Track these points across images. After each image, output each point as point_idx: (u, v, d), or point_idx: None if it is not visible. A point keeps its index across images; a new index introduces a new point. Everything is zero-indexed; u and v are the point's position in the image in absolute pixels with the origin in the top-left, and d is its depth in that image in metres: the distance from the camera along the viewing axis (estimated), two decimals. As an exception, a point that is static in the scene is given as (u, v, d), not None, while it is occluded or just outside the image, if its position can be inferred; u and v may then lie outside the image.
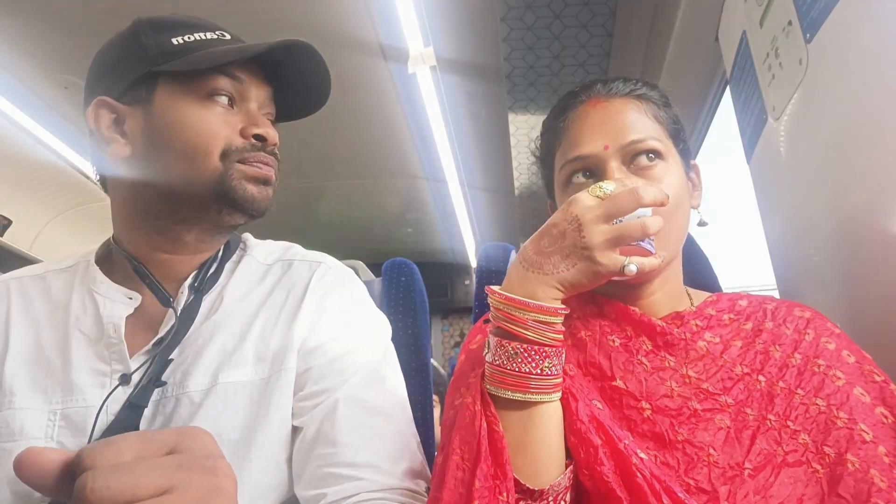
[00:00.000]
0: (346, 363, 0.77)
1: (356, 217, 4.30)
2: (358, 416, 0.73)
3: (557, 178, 0.82)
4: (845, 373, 0.69)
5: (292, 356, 0.75)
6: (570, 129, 0.79)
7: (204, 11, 0.90)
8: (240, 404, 0.72)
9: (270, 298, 0.81)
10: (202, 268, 0.82)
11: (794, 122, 1.01)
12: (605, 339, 0.76)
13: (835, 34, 0.86)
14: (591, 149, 0.76)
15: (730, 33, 1.29)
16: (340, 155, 3.31)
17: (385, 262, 1.30)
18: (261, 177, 0.78)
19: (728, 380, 0.71)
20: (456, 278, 5.78)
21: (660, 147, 0.76)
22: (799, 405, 0.68)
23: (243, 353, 0.75)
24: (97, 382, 0.73)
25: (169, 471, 0.36)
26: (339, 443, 0.70)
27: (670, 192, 0.72)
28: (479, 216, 4.26)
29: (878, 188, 0.82)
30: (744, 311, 0.78)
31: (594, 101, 0.80)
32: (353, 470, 0.69)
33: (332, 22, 2.19)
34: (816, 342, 0.73)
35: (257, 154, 0.78)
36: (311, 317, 0.79)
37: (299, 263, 0.86)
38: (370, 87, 2.64)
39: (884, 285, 0.83)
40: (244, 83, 0.79)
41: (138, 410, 0.70)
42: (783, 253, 1.16)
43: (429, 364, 1.18)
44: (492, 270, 1.27)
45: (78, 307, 0.78)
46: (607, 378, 0.73)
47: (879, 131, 0.80)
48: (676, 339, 0.74)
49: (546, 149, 0.86)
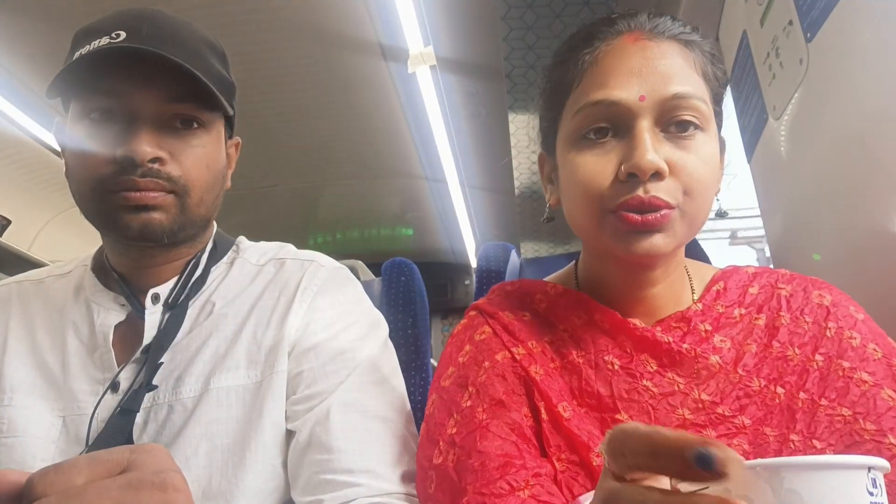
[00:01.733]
0: (339, 365, 0.75)
1: (356, 217, 4.30)
2: (353, 421, 0.71)
3: (566, 125, 0.66)
4: (871, 373, 0.61)
5: (284, 358, 0.74)
6: (599, 65, 0.63)
7: (204, 11, 0.89)
8: (233, 409, 0.71)
9: (262, 299, 0.79)
10: (182, 274, 0.79)
11: (795, 121, 1.01)
12: (602, 360, 0.66)
13: (835, 34, 0.86)
14: (622, 94, 0.60)
15: (730, 33, 1.29)
16: (340, 155, 3.31)
17: (385, 262, 1.29)
18: (129, 205, 0.69)
19: (745, 397, 0.62)
20: (456, 278, 5.77)
21: (704, 111, 0.62)
22: (823, 418, 0.60)
23: (235, 357, 0.74)
24: (92, 390, 0.73)
25: (117, 491, 0.35)
26: (335, 448, 0.69)
27: (706, 171, 0.61)
28: (479, 216, 4.26)
29: (878, 188, 0.82)
30: (755, 302, 0.69)
31: (635, 36, 0.63)
32: (349, 476, 0.68)
33: (332, 22, 2.19)
34: (840, 338, 0.64)
35: (123, 181, 0.68)
36: (304, 317, 0.77)
37: (291, 262, 0.83)
38: (370, 87, 2.64)
39: (884, 285, 0.83)
40: (113, 95, 0.69)
41: (130, 415, 0.70)
42: (783, 253, 1.16)
43: (429, 364, 1.18)
44: (492, 270, 1.27)
45: (75, 315, 0.78)
46: (608, 409, 0.63)
47: (880, 131, 0.80)
48: (685, 356, 0.64)
49: (556, 83, 0.68)
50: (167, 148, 0.70)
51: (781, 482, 0.37)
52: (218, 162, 0.77)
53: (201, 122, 0.74)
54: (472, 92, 2.72)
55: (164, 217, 0.71)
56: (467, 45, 2.39)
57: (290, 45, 2.32)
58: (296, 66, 2.46)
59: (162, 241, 0.73)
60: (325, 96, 2.70)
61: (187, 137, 0.72)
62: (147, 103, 0.69)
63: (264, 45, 2.28)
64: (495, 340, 0.70)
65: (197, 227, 0.77)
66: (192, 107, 0.72)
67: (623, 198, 0.60)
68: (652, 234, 0.60)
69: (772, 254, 1.20)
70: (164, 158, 0.70)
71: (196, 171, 0.73)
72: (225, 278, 0.82)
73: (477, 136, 3.11)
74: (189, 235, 0.77)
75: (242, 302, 0.79)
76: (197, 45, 0.74)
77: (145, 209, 0.70)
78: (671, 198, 0.60)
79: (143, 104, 0.69)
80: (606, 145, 0.62)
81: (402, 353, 1.28)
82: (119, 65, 0.68)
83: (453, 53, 2.40)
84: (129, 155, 0.68)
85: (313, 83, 2.58)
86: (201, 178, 0.74)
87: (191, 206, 0.73)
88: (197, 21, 0.81)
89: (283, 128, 2.93)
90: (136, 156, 0.68)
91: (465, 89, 2.70)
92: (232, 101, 0.78)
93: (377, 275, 1.32)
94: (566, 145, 0.65)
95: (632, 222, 0.59)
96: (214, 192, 0.77)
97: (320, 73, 2.51)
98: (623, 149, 0.61)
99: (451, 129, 2.96)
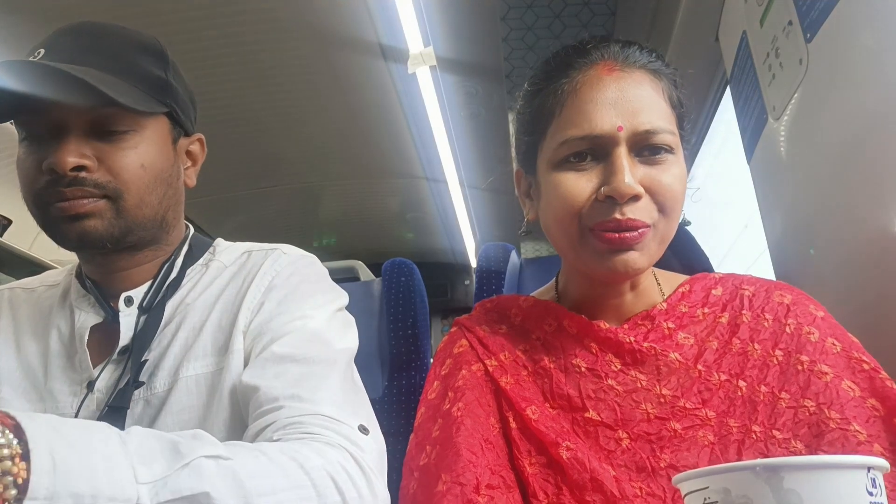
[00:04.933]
0: (283, 328, 0.75)
1: (356, 217, 4.29)
2: (287, 368, 0.70)
3: (548, 149, 0.70)
4: (831, 365, 0.65)
5: (239, 337, 0.75)
6: (578, 95, 0.68)
7: (204, 11, 0.89)
8: (200, 396, 0.73)
9: (227, 289, 0.81)
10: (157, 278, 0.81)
11: (795, 122, 1.01)
12: (571, 363, 0.71)
13: (835, 34, 0.86)
14: (602, 127, 0.65)
15: (730, 33, 1.29)
16: (340, 155, 3.31)
17: (385, 262, 1.30)
18: (64, 216, 0.70)
19: (706, 391, 0.67)
20: (456, 278, 5.77)
21: (672, 141, 0.68)
22: (786, 410, 0.64)
23: (201, 346, 0.76)
24: (71, 391, 0.75)
25: None
26: (263, 387, 0.68)
27: (678, 189, 0.67)
28: (479, 216, 4.26)
29: (878, 188, 0.82)
30: (719, 301, 0.74)
31: (608, 66, 0.68)
32: (274, 403, 0.67)
33: (332, 22, 2.19)
34: (798, 334, 0.68)
35: (53, 192, 0.70)
36: (261, 297, 0.78)
37: (257, 252, 0.85)
38: (370, 87, 2.63)
39: (884, 285, 0.83)
40: (36, 112, 0.71)
41: (121, 412, 0.71)
42: (783, 252, 1.16)
43: (429, 364, 1.18)
44: (492, 270, 1.27)
45: (59, 319, 0.80)
46: (578, 409, 0.69)
47: (879, 131, 0.80)
48: (646, 354, 0.69)
49: (537, 110, 0.72)
50: (95, 154, 0.71)
51: (781, 482, 0.38)
52: (158, 162, 0.77)
53: (130, 124, 0.74)
54: (472, 92, 2.72)
55: (98, 223, 0.72)
56: (467, 46, 2.39)
57: (290, 46, 2.31)
58: (296, 67, 2.46)
59: (104, 246, 0.73)
60: (325, 96, 2.69)
61: (117, 141, 0.73)
62: (66, 114, 0.70)
63: (264, 46, 2.28)
64: (471, 353, 0.77)
65: (146, 229, 0.77)
66: (112, 112, 0.72)
67: (601, 219, 0.65)
68: (628, 252, 0.65)
69: (771, 254, 1.20)
70: (88, 166, 0.70)
71: (128, 174, 0.73)
72: (201, 279, 0.83)
73: (477, 136, 3.11)
74: (142, 238, 0.78)
75: (210, 294, 0.81)
76: (122, 49, 0.75)
77: (78, 218, 0.71)
78: (647, 217, 0.66)
79: (63, 116, 0.70)
80: (586, 167, 0.67)
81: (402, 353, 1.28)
82: (36, 82, 0.68)
83: (453, 53, 2.40)
84: (52, 166, 0.69)
85: (313, 83, 2.58)
86: (136, 179, 0.74)
87: (128, 209, 0.73)
88: (196, 23, 0.81)
89: (283, 128, 2.92)
90: (58, 166, 0.69)
91: (465, 89, 2.70)
92: (168, 99, 0.78)
93: (377, 275, 1.32)
94: (548, 167, 0.70)
95: (609, 240, 0.65)
96: (158, 192, 0.77)
97: (320, 74, 2.51)
98: (602, 172, 0.67)
99: (450, 129, 2.96)
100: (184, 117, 0.82)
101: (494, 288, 1.28)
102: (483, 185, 3.65)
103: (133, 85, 0.74)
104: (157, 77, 0.78)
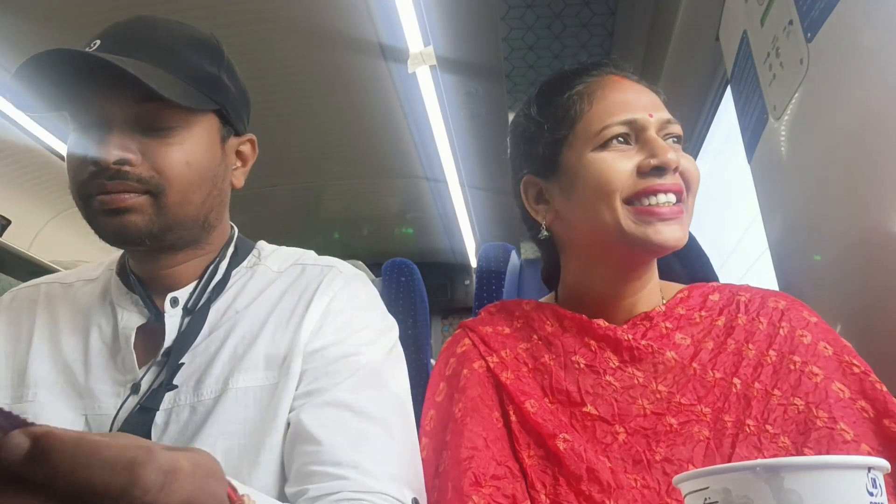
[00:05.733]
0: (340, 367, 0.75)
1: (356, 217, 4.30)
2: (345, 418, 0.71)
3: (585, 140, 0.75)
4: (822, 367, 0.68)
5: (298, 360, 0.74)
6: (604, 92, 0.77)
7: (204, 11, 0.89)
8: (250, 409, 0.72)
9: (281, 302, 0.79)
10: (202, 279, 0.80)
11: (795, 121, 1.01)
12: (570, 360, 0.74)
13: (835, 34, 0.86)
14: (636, 114, 0.74)
15: (730, 33, 1.29)
16: (340, 155, 3.31)
17: (385, 262, 1.29)
18: (104, 209, 0.70)
19: (702, 388, 0.69)
20: (456, 278, 5.77)
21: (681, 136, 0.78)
22: (777, 406, 0.66)
23: (253, 358, 0.74)
24: (114, 391, 0.73)
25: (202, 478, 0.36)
26: (325, 441, 0.69)
27: (696, 171, 0.75)
28: (479, 216, 4.26)
29: (878, 188, 0.82)
30: (716, 306, 0.77)
31: (619, 77, 0.79)
32: (336, 468, 0.67)
33: (332, 22, 2.19)
34: (791, 336, 0.71)
35: (96, 185, 0.69)
36: (318, 321, 0.77)
37: (311, 267, 0.84)
38: (370, 87, 2.63)
39: (885, 285, 0.83)
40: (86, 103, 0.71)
41: (149, 413, 0.70)
42: (784, 252, 1.16)
43: (429, 364, 1.18)
44: (492, 270, 1.27)
45: (100, 317, 0.78)
46: (577, 404, 0.71)
47: (880, 131, 0.80)
48: (643, 352, 0.72)
49: (562, 113, 0.78)
50: (140, 149, 0.70)
51: (781, 482, 0.37)
52: (204, 160, 0.75)
53: (177, 120, 0.72)
54: (472, 92, 2.72)
55: (139, 219, 0.70)
56: (467, 45, 2.39)
57: (290, 45, 2.31)
58: (296, 67, 2.46)
59: (142, 243, 0.72)
60: (325, 96, 2.69)
61: (163, 137, 0.71)
62: (114, 107, 0.70)
63: (264, 45, 2.28)
64: (473, 351, 0.81)
65: (187, 228, 0.76)
66: (160, 106, 0.71)
67: (647, 185, 0.71)
68: (670, 224, 0.71)
69: (772, 253, 1.19)
70: (132, 160, 0.69)
71: (172, 170, 0.71)
72: (247, 283, 0.82)
73: (477, 136, 3.11)
74: (182, 237, 0.76)
75: (261, 304, 0.79)
76: (175, 44, 0.74)
77: (119, 212, 0.70)
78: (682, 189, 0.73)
79: (111, 108, 0.70)
80: (623, 148, 0.74)
81: (402, 353, 1.28)
82: (87, 73, 0.68)
83: (453, 53, 2.40)
84: (96, 158, 0.68)
85: (313, 83, 2.58)
86: (180, 176, 0.72)
87: (170, 206, 0.72)
88: (196, 21, 0.81)
89: (283, 128, 2.92)
90: (102, 159, 0.68)
91: (465, 89, 2.70)
92: (218, 97, 0.77)
93: (377, 275, 1.32)
94: (582, 153, 0.76)
95: (656, 213, 0.71)
96: (202, 190, 0.75)
97: (320, 73, 2.51)
98: (639, 151, 0.73)
99: (450, 128, 2.96)
100: (234, 116, 0.80)
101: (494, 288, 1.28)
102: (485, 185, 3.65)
103: (183, 81, 0.72)
104: (209, 74, 0.76)
